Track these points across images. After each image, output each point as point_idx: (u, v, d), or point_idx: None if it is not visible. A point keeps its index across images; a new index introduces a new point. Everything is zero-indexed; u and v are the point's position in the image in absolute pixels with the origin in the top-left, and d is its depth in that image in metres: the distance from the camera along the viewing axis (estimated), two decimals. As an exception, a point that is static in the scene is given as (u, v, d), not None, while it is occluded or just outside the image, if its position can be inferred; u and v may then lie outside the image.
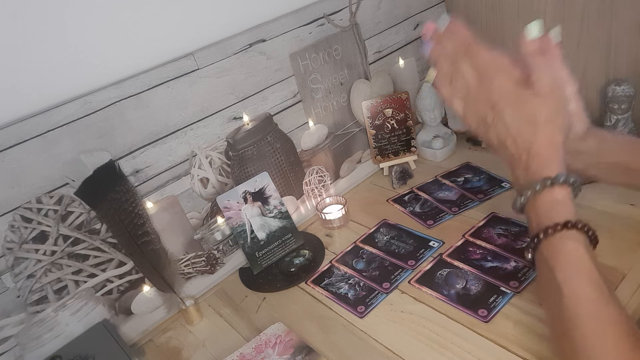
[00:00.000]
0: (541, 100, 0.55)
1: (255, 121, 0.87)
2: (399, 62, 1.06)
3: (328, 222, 0.91)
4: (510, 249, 0.74)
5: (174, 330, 0.77)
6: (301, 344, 0.67)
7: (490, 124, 0.58)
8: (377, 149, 1.02)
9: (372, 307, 0.71)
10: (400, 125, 1.00)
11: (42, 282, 0.69)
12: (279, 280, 0.82)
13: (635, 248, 0.69)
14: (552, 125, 0.55)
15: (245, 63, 0.85)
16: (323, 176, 0.94)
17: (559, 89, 0.57)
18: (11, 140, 0.65)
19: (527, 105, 0.56)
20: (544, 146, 0.55)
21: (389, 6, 1.04)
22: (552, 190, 0.53)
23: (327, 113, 0.98)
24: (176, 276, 0.77)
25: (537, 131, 0.55)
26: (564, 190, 0.53)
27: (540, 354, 0.58)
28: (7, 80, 0.66)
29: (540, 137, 0.55)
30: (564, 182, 0.53)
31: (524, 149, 0.56)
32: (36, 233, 0.68)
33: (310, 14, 0.92)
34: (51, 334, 0.68)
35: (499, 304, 0.66)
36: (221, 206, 0.83)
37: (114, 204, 0.67)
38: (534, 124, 0.55)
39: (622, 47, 0.90)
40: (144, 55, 0.76)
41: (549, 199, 0.53)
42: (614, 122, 0.91)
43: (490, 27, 1.09)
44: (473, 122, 0.60)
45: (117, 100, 0.72)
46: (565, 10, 0.94)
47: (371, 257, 0.81)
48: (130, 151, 0.75)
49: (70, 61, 0.71)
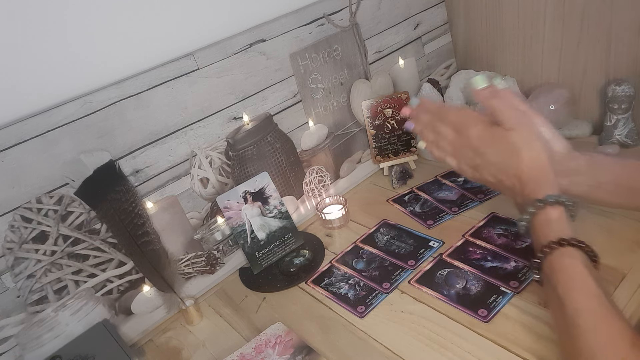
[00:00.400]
0: (514, 131, 0.61)
1: (255, 121, 0.87)
2: (399, 62, 1.06)
3: (328, 222, 0.91)
4: (510, 249, 0.74)
5: (174, 330, 0.77)
6: (301, 344, 0.67)
7: (481, 167, 0.64)
8: (377, 149, 1.02)
9: (372, 307, 0.71)
10: (400, 125, 1.00)
11: (42, 282, 0.69)
12: (279, 280, 0.82)
13: (635, 248, 0.69)
14: (531, 148, 0.61)
15: (245, 63, 0.85)
16: (323, 176, 0.94)
17: (524, 117, 0.63)
18: (11, 140, 0.65)
19: (503, 140, 0.62)
20: (532, 169, 0.60)
21: (389, 6, 1.04)
22: (545, 211, 0.57)
23: (327, 113, 0.98)
24: (176, 276, 0.77)
25: (520, 158, 0.60)
26: (556, 210, 0.57)
27: (540, 354, 0.58)
28: (7, 80, 0.66)
29: (525, 162, 0.60)
30: (554, 202, 0.57)
31: (515, 178, 0.61)
32: (36, 233, 0.68)
33: (310, 14, 0.92)
34: (51, 334, 0.69)
35: (499, 304, 0.66)
36: (221, 206, 0.83)
37: (114, 204, 0.67)
38: (516, 153, 0.60)
39: (622, 47, 0.90)
40: (144, 55, 0.76)
41: (543, 219, 0.57)
42: (614, 122, 0.91)
43: (490, 27, 1.09)
44: (468, 171, 0.67)
45: (117, 100, 0.72)
46: (565, 10, 0.95)
47: (371, 257, 0.81)
48: (130, 151, 0.75)
49: (70, 61, 0.71)
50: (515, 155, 0.60)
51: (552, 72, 1.03)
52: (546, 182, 0.59)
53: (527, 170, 0.60)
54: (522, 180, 0.60)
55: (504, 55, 1.10)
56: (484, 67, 1.14)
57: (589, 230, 0.73)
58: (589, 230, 0.73)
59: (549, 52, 1.01)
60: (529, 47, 1.04)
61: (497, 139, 0.62)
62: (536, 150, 0.60)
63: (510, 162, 0.61)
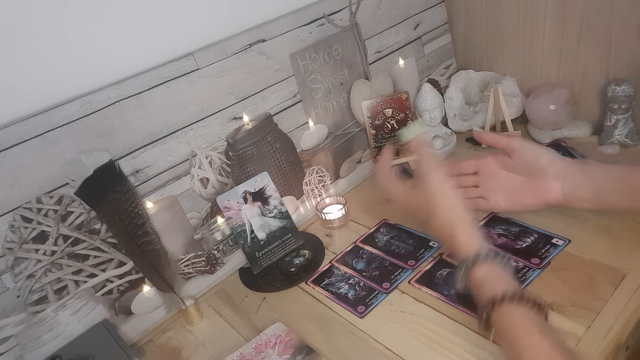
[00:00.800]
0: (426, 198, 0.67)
1: (255, 121, 0.87)
2: (399, 62, 1.06)
3: (328, 222, 0.91)
4: (510, 249, 0.74)
5: (174, 330, 0.77)
6: (301, 344, 0.67)
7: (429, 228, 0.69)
8: (377, 149, 1.02)
9: (372, 307, 0.71)
10: (400, 125, 1.00)
11: (42, 282, 0.69)
12: (279, 280, 0.82)
13: (634, 248, 0.69)
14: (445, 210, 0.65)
15: (245, 63, 0.85)
16: (323, 176, 0.94)
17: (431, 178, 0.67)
18: (11, 140, 0.65)
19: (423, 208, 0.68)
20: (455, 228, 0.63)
21: (389, 6, 1.04)
22: (475, 269, 0.60)
23: (327, 113, 0.98)
24: (176, 276, 0.77)
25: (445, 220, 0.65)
26: (484, 267, 0.59)
27: (540, 354, 0.58)
28: (7, 80, 0.66)
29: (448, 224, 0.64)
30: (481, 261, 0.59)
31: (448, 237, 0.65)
32: (36, 233, 0.68)
33: (310, 14, 0.92)
34: (51, 334, 0.69)
35: (499, 304, 0.66)
36: (221, 206, 0.83)
37: (114, 204, 0.67)
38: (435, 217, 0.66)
39: (622, 47, 0.90)
40: (144, 55, 0.76)
41: (477, 276, 0.60)
42: (613, 122, 0.91)
43: (490, 27, 1.09)
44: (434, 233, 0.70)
45: (117, 100, 0.72)
46: (565, 10, 0.94)
47: (371, 257, 0.81)
48: (130, 151, 0.75)
49: (70, 61, 0.71)
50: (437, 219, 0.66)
51: (552, 72, 1.03)
52: (470, 240, 0.62)
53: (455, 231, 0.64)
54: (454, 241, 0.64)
55: (504, 55, 1.10)
56: (484, 67, 1.14)
57: (589, 230, 0.74)
58: (589, 230, 0.74)
59: (549, 52, 1.01)
60: (529, 47, 1.04)
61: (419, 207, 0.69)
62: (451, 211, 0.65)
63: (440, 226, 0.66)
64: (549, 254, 0.71)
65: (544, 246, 0.73)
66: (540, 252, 0.72)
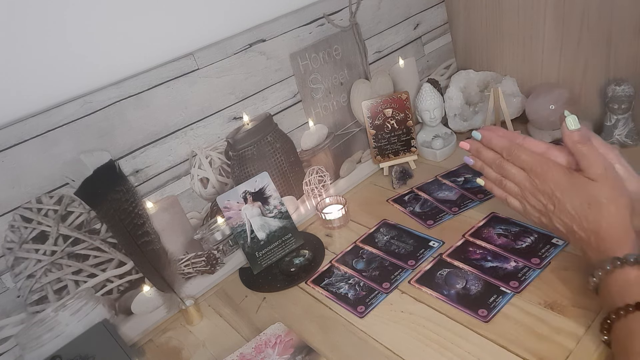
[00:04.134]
0: (597, 183, 0.57)
1: (255, 121, 0.87)
2: (399, 62, 1.06)
3: (328, 222, 0.91)
4: (510, 249, 0.74)
5: (174, 330, 0.77)
6: (301, 344, 0.67)
7: (552, 214, 0.61)
8: (377, 149, 1.02)
9: (372, 307, 0.71)
10: (400, 125, 1.00)
11: (42, 282, 0.69)
12: (279, 280, 0.82)
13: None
14: (616, 204, 0.57)
15: (245, 63, 0.85)
16: (323, 176, 0.94)
17: (611, 170, 0.58)
18: (11, 140, 0.64)
19: (585, 190, 0.58)
20: (612, 226, 0.56)
21: (389, 6, 1.04)
22: (623, 271, 0.53)
23: (327, 113, 0.98)
24: (176, 276, 0.78)
25: (601, 212, 0.56)
26: (635, 270, 0.53)
27: (540, 354, 0.58)
28: (7, 80, 0.66)
29: (606, 217, 0.56)
30: (634, 262, 0.53)
31: (591, 232, 0.57)
32: (36, 233, 0.68)
33: (310, 14, 0.92)
34: (51, 334, 0.69)
35: (499, 304, 0.66)
36: (221, 206, 0.83)
37: (114, 204, 0.67)
38: (597, 206, 0.57)
39: (622, 47, 0.90)
40: (144, 55, 0.76)
41: (620, 279, 0.54)
42: (614, 122, 0.91)
43: (490, 27, 1.09)
44: (534, 216, 0.64)
45: (117, 100, 0.72)
46: (565, 10, 0.95)
47: (371, 257, 0.81)
48: (130, 151, 0.75)
49: (70, 61, 0.71)
50: (596, 208, 0.57)
51: (552, 72, 1.03)
52: (627, 241, 0.55)
53: (607, 227, 0.56)
54: (600, 235, 0.56)
55: (504, 55, 1.10)
56: (484, 67, 1.14)
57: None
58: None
59: (549, 51, 1.01)
60: (529, 47, 1.04)
61: (576, 187, 0.58)
62: (620, 206, 0.56)
63: (589, 213, 0.57)
64: (549, 254, 0.71)
65: (544, 246, 0.73)
66: (540, 252, 0.72)
